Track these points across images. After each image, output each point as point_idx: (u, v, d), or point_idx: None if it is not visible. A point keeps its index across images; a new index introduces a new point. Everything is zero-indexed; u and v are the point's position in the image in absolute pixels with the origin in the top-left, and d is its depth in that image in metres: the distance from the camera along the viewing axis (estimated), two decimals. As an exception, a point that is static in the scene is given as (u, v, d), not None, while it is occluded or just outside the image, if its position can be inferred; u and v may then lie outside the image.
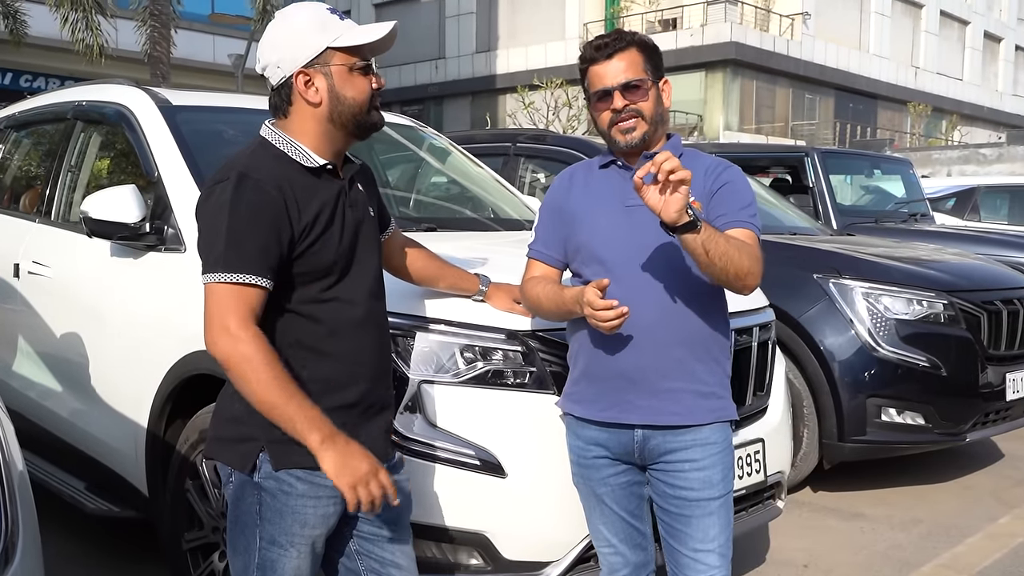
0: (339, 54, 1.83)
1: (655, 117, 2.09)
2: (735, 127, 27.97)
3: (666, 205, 1.80)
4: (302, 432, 1.71)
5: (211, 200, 1.79)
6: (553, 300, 2.10)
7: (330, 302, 1.85)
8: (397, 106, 32.06)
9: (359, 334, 1.89)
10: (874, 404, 4.13)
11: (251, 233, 1.73)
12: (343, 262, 1.86)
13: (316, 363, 1.84)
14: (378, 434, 1.94)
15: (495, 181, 4.22)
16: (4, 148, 4.44)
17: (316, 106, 1.84)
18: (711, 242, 1.88)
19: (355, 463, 1.71)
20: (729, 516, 2.14)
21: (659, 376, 2.05)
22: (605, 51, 2.08)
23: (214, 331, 1.72)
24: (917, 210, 7.47)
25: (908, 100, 32.65)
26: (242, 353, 1.70)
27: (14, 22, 12.56)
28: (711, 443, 2.08)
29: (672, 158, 1.78)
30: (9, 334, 3.78)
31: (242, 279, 1.72)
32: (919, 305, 4.24)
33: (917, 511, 4.21)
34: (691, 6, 28.88)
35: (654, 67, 2.10)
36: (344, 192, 1.90)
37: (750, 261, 1.96)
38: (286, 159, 1.84)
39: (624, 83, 2.06)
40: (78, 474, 3.44)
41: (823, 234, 5.50)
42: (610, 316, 1.89)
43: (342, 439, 1.73)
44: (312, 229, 1.81)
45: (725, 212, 2.04)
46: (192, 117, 3.37)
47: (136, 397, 2.92)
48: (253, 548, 1.87)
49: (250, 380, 1.70)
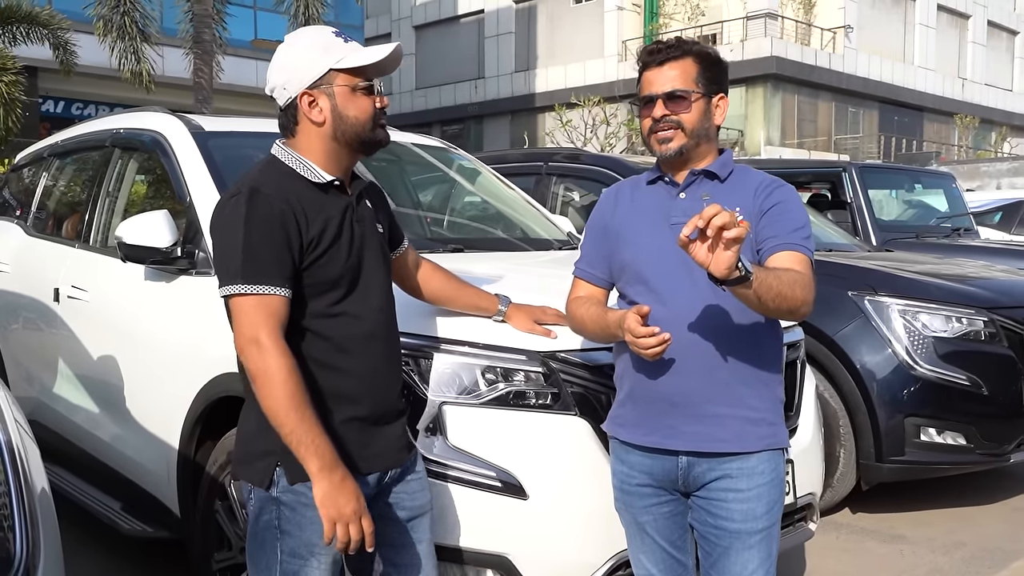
0: (342, 75, 1.90)
1: (698, 131, 2.02)
2: (777, 142, 27.72)
3: (716, 262, 1.67)
4: (304, 456, 1.75)
5: (224, 215, 1.85)
6: (597, 323, 2.07)
7: (338, 317, 1.90)
8: (437, 126, 32.37)
9: (369, 349, 1.93)
10: (913, 424, 4.04)
11: (265, 245, 1.80)
12: (350, 276, 1.91)
13: (329, 378, 1.89)
14: (393, 440, 2.00)
15: (524, 201, 4.23)
16: (47, 176, 4.57)
17: (320, 125, 1.91)
18: (763, 288, 1.79)
19: (342, 501, 1.75)
20: (771, 549, 2.05)
21: (704, 400, 1.98)
22: (658, 57, 2.03)
23: (244, 344, 1.78)
24: (960, 225, 7.32)
25: (955, 112, 32.09)
26: (268, 368, 1.75)
27: (64, 52, 12.93)
28: (758, 473, 2.00)
29: (723, 212, 1.64)
30: (50, 357, 3.88)
31: (263, 290, 1.78)
32: (958, 322, 4.15)
33: (960, 534, 4.10)
34: (731, 21, 28.75)
35: (709, 80, 2.03)
36: (351, 207, 1.95)
37: (803, 292, 1.88)
38: (294, 175, 1.91)
39: (668, 92, 2.00)
40: (115, 494, 3.51)
41: (860, 250, 5.41)
42: (651, 344, 1.84)
43: (339, 473, 1.76)
44: (319, 242, 1.86)
45: (776, 234, 1.96)
46: (224, 143, 3.43)
47: (167, 419, 2.96)
48: (274, 563, 1.90)
49: (270, 395, 1.75)
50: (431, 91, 34.62)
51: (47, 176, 4.58)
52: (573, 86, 27.90)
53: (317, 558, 1.89)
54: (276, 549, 1.90)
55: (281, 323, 1.80)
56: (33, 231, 4.41)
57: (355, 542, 1.76)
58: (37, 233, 4.37)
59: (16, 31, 12.48)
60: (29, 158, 4.97)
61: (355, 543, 1.76)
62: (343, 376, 1.90)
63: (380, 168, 4.20)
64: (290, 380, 1.75)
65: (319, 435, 1.75)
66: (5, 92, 11.18)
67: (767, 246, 1.95)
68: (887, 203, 8.24)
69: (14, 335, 4.31)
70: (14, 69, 11.37)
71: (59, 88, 18.54)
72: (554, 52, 31.60)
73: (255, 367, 1.76)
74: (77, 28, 13.88)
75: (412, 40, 35.20)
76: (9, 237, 4.56)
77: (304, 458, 1.75)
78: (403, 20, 35.52)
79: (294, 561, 1.89)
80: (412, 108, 34.57)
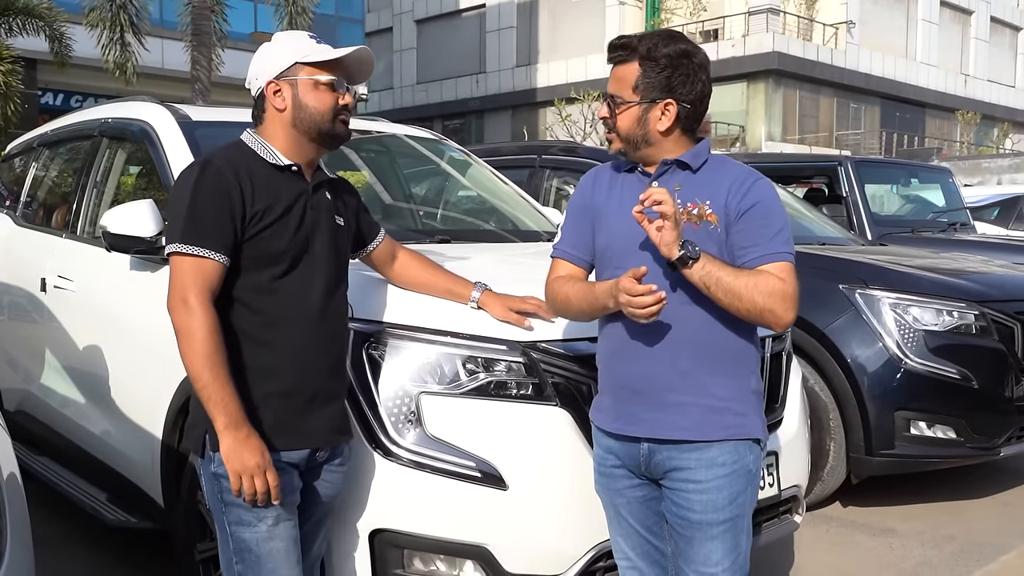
0: (306, 68, 2.05)
1: (632, 136, 2.00)
2: (778, 137, 27.67)
3: (660, 239, 1.82)
4: (212, 412, 1.87)
5: (178, 182, 2.02)
6: (583, 297, 2.04)
7: (275, 293, 2.00)
8: (438, 121, 32.33)
9: (297, 328, 2.02)
10: (903, 417, 4.04)
11: (208, 211, 1.93)
12: (292, 254, 2.01)
13: (253, 350, 1.99)
14: (321, 424, 2.07)
15: (514, 193, 4.21)
16: (37, 165, 4.55)
17: (281, 112, 2.05)
18: (711, 278, 1.84)
19: (246, 455, 1.87)
20: (738, 540, 2.03)
21: (665, 388, 1.97)
22: (610, 56, 2.05)
23: (174, 301, 1.91)
24: (957, 219, 7.30)
25: (957, 108, 32.03)
26: (191, 326, 1.87)
27: (59, 44, 12.92)
28: (718, 464, 1.97)
29: (658, 191, 1.80)
30: (37, 348, 3.87)
31: (200, 252, 1.91)
32: (949, 316, 4.14)
33: (950, 528, 4.09)
34: (733, 16, 28.68)
35: (651, 86, 1.97)
36: (307, 194, 2.07)
37: (765, 299, 1.86)
38: (253, 155, 2.06)
39: (608, 95, 2.04)
40: (101, 485, 3.50)
41: (854, 244, 5.40)
42: (649, 301, 1.82)
43: (244, 430, 1.88)
44: (263, 216, 1.97)
45: (754, 244, 1.92)
46: (211, 132, 3.41)
47: (151, 409, 2.95)
48: (227, 537, 2.00)
49: (188, 351, 1.88)
50: (432, 85, 34.59)
51: (36, 166, 4.57)
52: (574, 81, 27.83)
53: (264, 521, 1.96)
54: (224, 523, 2.00)
55: (211, 287, 1.91)
56: (22, 221, 4.40)
57: (261, 494, 1.89)
58: (26, 223, 4.36)
59: (12, 23, 12.46)
60: (20, 148, 4.96)
61: (261, 495, 1.89)
62: (266, 349, 1.99)
63: (370, 159, 4.19)
64: (208, 340, 1.87)
65: (229, 394, 1.87)
66: (2, 81, 11.16)
67: (748, 256, 1.93)
68: (885, 198, 8.22)
69: (2, 326, 4.30)
70: (10, 58, 11.37)
71: (58, 80, 18.51)
72: (556, 47, 31.55)
73: (180, 324, 1.89)
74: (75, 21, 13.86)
75: (413, 34, 35.18)
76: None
77: (212, 414, 1.87)
78: (405, 14, 35.48)
79: (241, 529, 1.98)
80: (413, 103, 34.56)
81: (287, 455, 2.01)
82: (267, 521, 1.97)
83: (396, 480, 2.30)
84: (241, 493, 1.89)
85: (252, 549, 1.98)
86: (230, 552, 2.01)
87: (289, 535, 2.01)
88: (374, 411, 2.34)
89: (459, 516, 2.32)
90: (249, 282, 1.98)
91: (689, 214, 1.95)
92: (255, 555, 1.98)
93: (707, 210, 1.96)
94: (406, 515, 2.31)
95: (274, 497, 1.92)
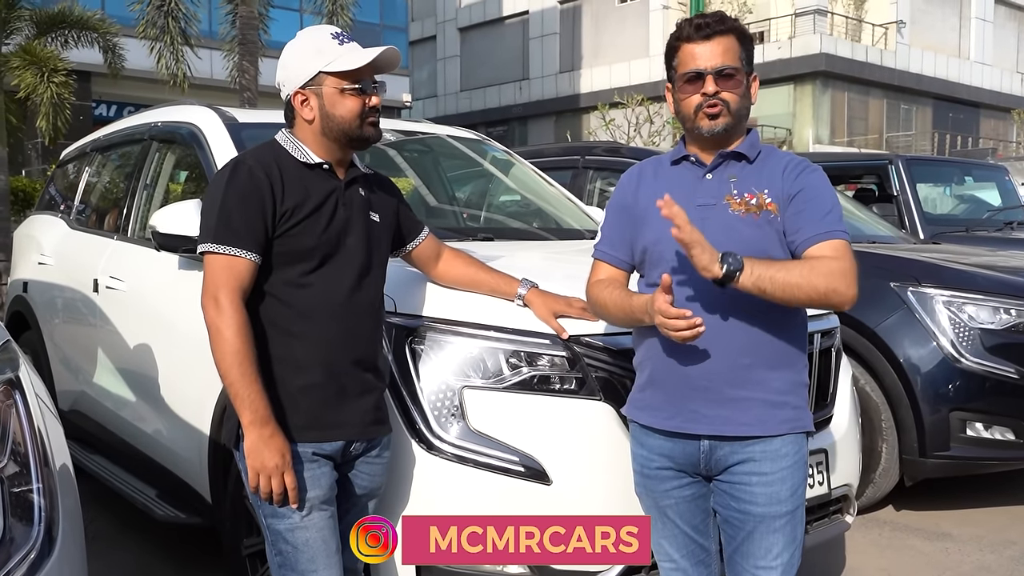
0: (331, 77, 2.04)
1: (740, 110, 1.98)
2: (826, 140, 27.25)
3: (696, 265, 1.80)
4: (239, 408, 1.90)
5: (212, 182, 2.06)
6: (620, 307, 2.01)
7: (305, 288, 2.01)
8: (482, 127, 32.36)
9: (327, 321, 2.03)
10: (958, 418, 3.93)
11: (240, 210, 1.95)
12: (324, 250, 2.02)
13: (284, 342, 2.01)
14: (355, 416, 2.07)
15: (557, 192, 4.20)
16: (90, 170, 4.66)
17: (310, 123, 2.07)
18: (763, 280, 1.80)
19: (267, 454, 1.90)
20: (796, 532, 2.02)
21: (726, 384, 1.94)
22: (704, 31, 1.97)
23: (206, 299, 1.94)
24: (1013, 218, 7.10)
25: (1013, 108, 31.25)
26: (220, 325, 1.90)
27: (112, 56, 13.20)
28: (782, 456, 1.97)
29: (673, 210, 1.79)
30: (90, 347, 3.95)
31: (232, 251, 1.94)
32: (1006, 314, 4.02)
33: (1010, 532, 3.97)
34: (779, 18, 28.35)
35: (746, 59, 2.00)
36: (339, 190, 2.09)
37: (826, 280, 1.83)
38: (285, 154, 2.08)
39: (719, 68, 1.95)
40: (151, 482, 3.55)
41: (905, 242, 5.28)
42: (682, 326, 1.80)
43: (269, 429, 1.90)
44: (294, 213, 1.99)
45: (804, 226, 1.90)
46: (257, 133, 3.44)
47: (199, 406, 2.99)
48: (265, 531, 2.02)
49: (218, 349, 1.90)
50: (476, 93, 34.72)
51: (89, 171, 4.67)
52: (618, 86, 27.72)
53: (296, 513, 1.97)
54: (262, 516, 2.02)
55: (243, 285, 1.94)
56: (76, 224, 4.50)
57: (277, 495, 1.92)
58: (79, 226, 4.46)
59: (68, 35, 12.78)
60: (73, 154, 5.08)
61: (277, 495, 1.92)
62: (296, 341, 2.01)
63: (414, 159, 4.21)
64: (237, 338, 1.89)
65: (256, 391, 1.89)
66: (55, 93, 11.44)
67: (799, 239, 1.90)
68: (939, 198, 8.04)
69: (57, 328, 4.40)
70: (64, 71, 11.64)
71: (111, 92, 18.95)
72: (599, 52, 31.48)
73: (210, 322, 1.92)
74: (127, 33, 14.17)
75: (457, 42, 35.36)
76: (53, 231, 4.66)
77: (239, 410, 1.89)
78: (448, 22, 35.69)
79: (276, 521, 1.99)
80: (457, 110, 34.71)
81: (319, 447, 2.02)
82: (300, 512, 1.98)
83: (438, 474, 2.30)
84: (258, 490, 1.92)
85: (288, 540, 1.99)
86: (269, 545, 2.04)
87: (325, 525, 2.01)
88: (417, 405, 2.34)
89: (502, 511, 2.29)
90: (280, 277, 2.00)
91: (747, 205, 1.92)
92: (291, 545, 1.99)
93: (766, 199, 1.93)
94: (448, 509, 2.29)
95: (291, 500, 1.94)
